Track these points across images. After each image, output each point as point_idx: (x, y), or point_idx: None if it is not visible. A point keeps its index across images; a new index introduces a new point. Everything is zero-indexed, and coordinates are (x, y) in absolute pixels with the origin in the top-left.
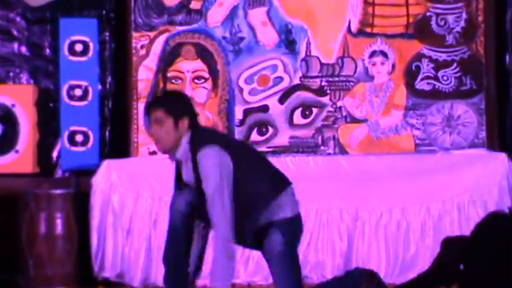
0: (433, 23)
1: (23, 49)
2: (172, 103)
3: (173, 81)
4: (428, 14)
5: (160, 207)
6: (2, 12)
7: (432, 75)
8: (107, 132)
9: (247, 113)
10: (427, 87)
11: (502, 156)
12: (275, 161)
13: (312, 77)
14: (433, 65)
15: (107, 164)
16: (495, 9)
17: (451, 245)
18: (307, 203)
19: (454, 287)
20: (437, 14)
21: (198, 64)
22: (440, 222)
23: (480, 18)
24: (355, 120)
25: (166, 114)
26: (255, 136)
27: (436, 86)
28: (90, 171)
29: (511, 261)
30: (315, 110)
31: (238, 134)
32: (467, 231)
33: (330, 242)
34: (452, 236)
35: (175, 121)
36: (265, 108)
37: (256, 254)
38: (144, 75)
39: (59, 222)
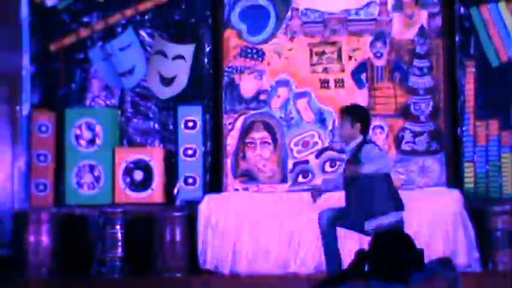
0: (411, 107)
1: (156, 125)
2: (353, 111)
3: (248, 145)
4: (408, 102)
5: (241, 223)
6: (143, 101)
7: (411, 141)
8: (208, 177)
9: (295, 164)
10: (408, 148)
11: (456, 192)
12: None
13: (336, 142)
14: (412, 134)
15: (207, 197)
16: (451, 99)
17: (360, 253)
18: None
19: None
20: (415, 102)
21: (264, 134)
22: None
23: (442, 105)
24: None
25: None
26: (300, 179)
27: (414, 148)
28: (197, 202)
29: (394, 262)
30: (338, 163)
31: (290, 178)
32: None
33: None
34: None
35: (352, 123)
36: (306, 162)
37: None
38: (230, 141)
39: (178, 233)
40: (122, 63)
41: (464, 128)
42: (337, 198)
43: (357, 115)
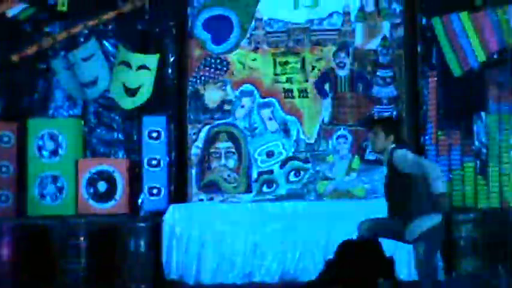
0: (374, 117)
1: (120, 136)
2: (386, 124)
3: (213, 155)
4: (371, 111)
5: (206, 234)
6: (107, 112)
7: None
8: (172, 187)
9: (260, 174)
10: (372, 157)
11: None
12: (277, 205)
13: (300, 152)
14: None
15: (172, 207)
16: (414, 109)
17: (328, 262)
18: (296, 231)
19: None
20: (378, 112)
21: (229, 144)
22: None
23: (404, 114)
24: (327, 179)
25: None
26: (264, 189)
27: (378, 157)
28: (162, 212)
29: (361, 270)
30: (302, 172)
31: (254, 188)
32: None
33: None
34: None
35: (386, 135)
36: (271, 171)
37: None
38: (195, 151)
39: (142, 244)
40: (84, 74)
41: (426, 138)
42: None
43: (390, 127)
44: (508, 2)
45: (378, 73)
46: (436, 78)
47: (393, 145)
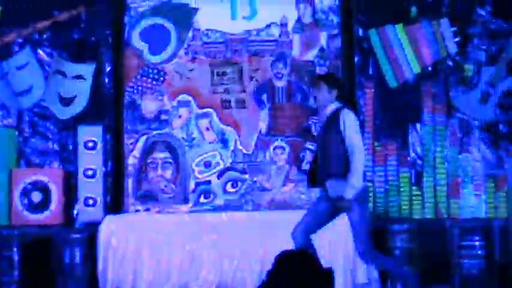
0: (312, 128)
1: (55, 146)
2: (329, 79)
3: (150, 165)
4: (309, 122)
5: (142, 244)
6: (42, 122)
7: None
8: (108, 198)
9: (197, 185)
10: (309, 168)
11: None
12: (214, 215)
13: (237, 162)
14: (313, 154)
15: (108, 218)
16: None
17: (269, 273)
18: (233, 241)
19: None
20: (315, 123)
21: (166, 154)
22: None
23: None
24: (265, 189)
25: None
26: (202, 199)
27: None
28: (97, 223)
29: (301, 282)
30: (240, 183)
31: (192, 198)
32: None
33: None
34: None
35: (329, 90)
36: (208, 182)
37: None
38: (132, 161)
39: (77, 255)
40: (19, 83)
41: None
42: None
43: (333, 83)
44: (442, 15)
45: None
46: (372, 90)
47: (341, 104)
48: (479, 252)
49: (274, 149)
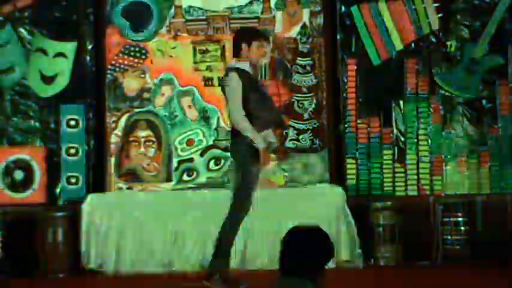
0: (295, 105)
1: (37, 124)
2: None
3: (132, 143)
4: (292, 100)
5: (125, 223)
6: (23, 100)
7: (295, 138)
8: (91, 176)
9: (180, 163)
10: (292, 145)
11: (339, 189)
12: (197, 193)
13: (220, 140)
14: (296, 132)
15: (90, 196)
16: (334, 96)
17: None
18: (217, 219)
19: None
20: (298, 100)
21: (148, 133)
22: None
23: (324, 102)
24: None
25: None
26: (185, 177)
27: (298, 145)
28: (80, 201)
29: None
30: (222, 161)
31: (175, 177)
32: None
33: None
34: None
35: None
36: (191, 160)
37: None
38: (114, 139)
39: (60, 233)
40: (0, 61)
41: (346, 126)
42: None
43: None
44: None
45: (297, 61)
46: (355, 67)
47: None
48: (462, 228)
49: None
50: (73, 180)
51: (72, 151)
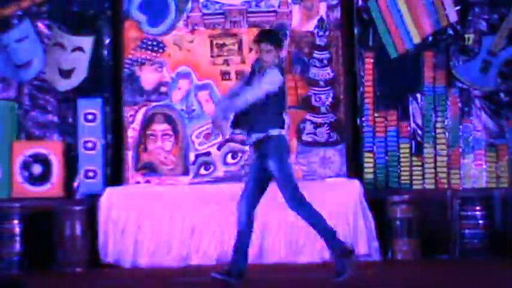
0: (312, 99)
1: (55, 118)
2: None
3: (150, 137)
4: (309, 93)
5: (143, 216)
6: (41, 94)
7: (312, 132)
8: (108, 170)
9: (197, 157)
10: (309, 139)
11: (356, 182)
12: (214, 187)
13: (237, 134)
14: (313, 125)
15: (108, 190)
16: (351, 90)
17: None
18: (233, 213)
19: None
20: (315, 94)
21: (166, 126)
22: None
23: (342, 96)
24: None
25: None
26: (202, 171)
27: (315, 139)
28: (98, 195)
29: None
30: (240, 154)
31: (192, 170)
32: None
33: None
34: None
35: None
36: (208, 154)
37: None
38: (131, 133)
39: (78, 227)
40: (18, 55)
41: (363, 119)
42: None
43: (279, 43)
44: None
45: (314, 55)
46: (372, 60)
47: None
48: (480, 222)
49: None
50: (91, 174)
51: (90, 145)
